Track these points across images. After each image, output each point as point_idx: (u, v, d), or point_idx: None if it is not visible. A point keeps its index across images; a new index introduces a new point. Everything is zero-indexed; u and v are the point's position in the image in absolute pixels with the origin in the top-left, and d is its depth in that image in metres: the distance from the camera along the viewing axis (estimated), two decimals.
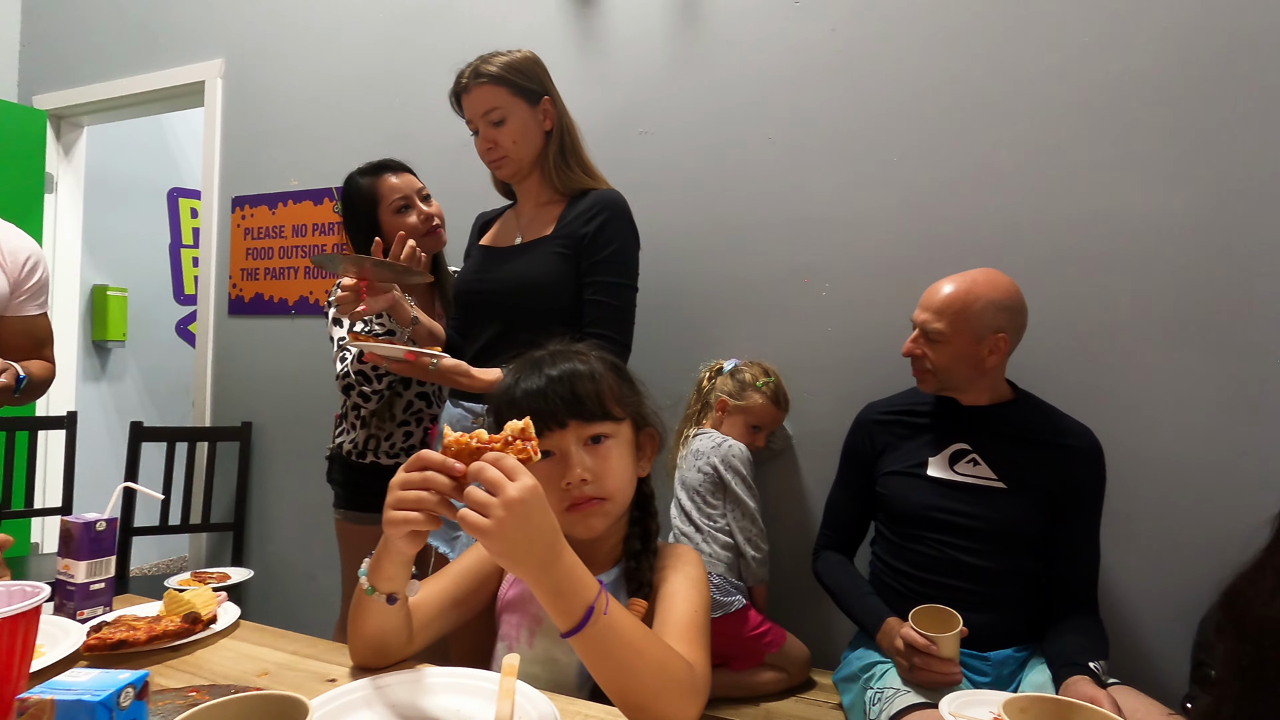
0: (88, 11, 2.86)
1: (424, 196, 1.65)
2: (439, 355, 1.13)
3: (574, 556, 0.64)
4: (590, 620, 0.62)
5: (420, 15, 2.18)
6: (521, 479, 0.59)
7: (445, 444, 0.64)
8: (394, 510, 0.63)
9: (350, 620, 0.74)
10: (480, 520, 0.58)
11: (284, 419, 2.39)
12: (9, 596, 0.62)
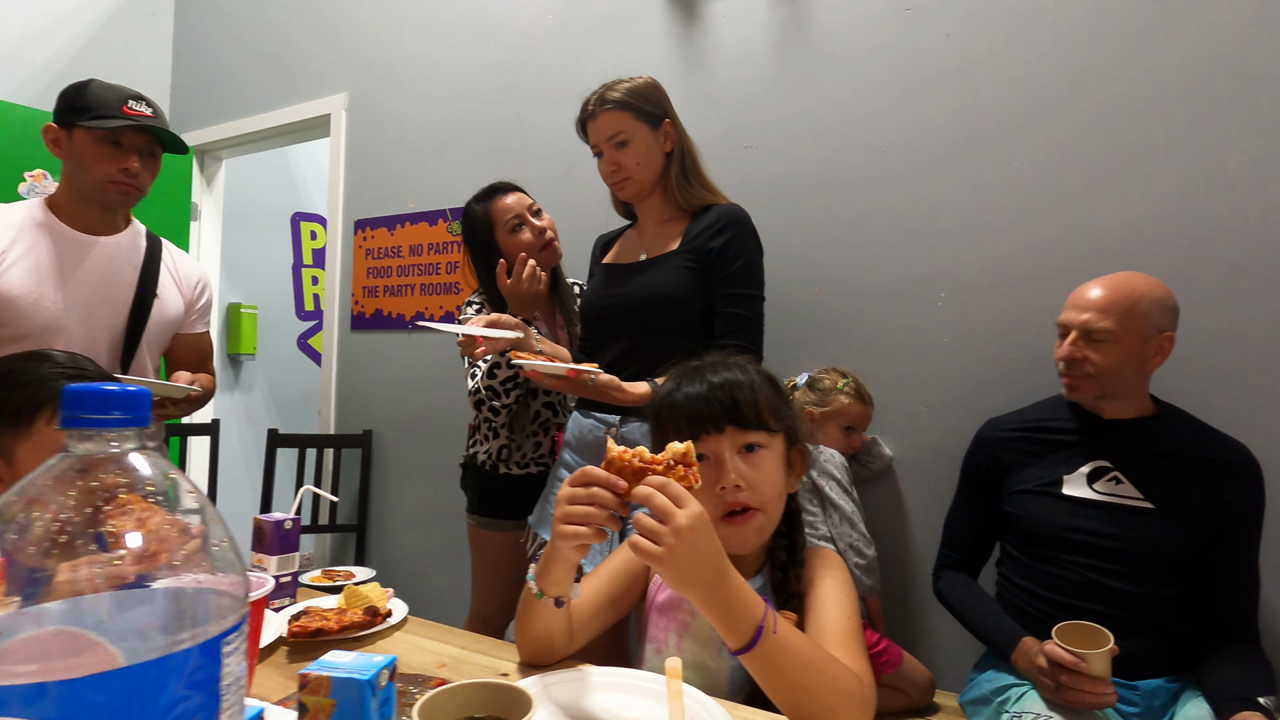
0: (227, 55, 3.16)
1: (535, 212, 1.71)
2: (596, 371, 1.18)
3: (739, 577, 0.66)
4: (760, 639, 0.64)
5: (530, 42, 2.29)
6: (689, 506, 0.63)
7: (609, 459, 0.67)
8: (564, 524, 0.67)
9: (518, 621, 0.79)
10: (651, 547, 0.62)
11: (402, 427, 2.53)
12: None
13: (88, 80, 1.46)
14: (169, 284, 1.61)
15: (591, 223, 2.11)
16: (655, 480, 0.64)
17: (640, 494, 0.64)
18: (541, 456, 1.70)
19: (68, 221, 1.48)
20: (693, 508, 0.63)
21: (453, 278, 2.44)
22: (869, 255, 1.74)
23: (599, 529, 0.66)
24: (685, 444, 0.68)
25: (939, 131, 1.67)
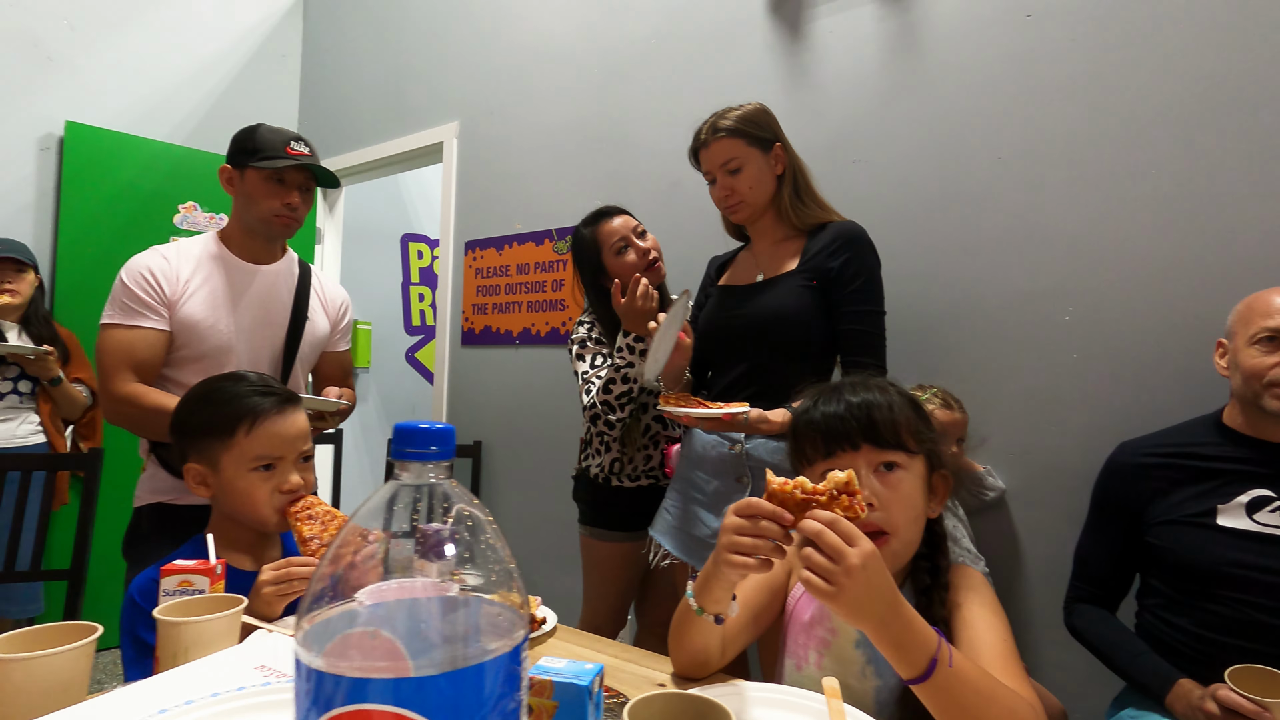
0: (348, 91, 3.41)
1: (640, 233, 1.77)
2: (746, 410, 1.21)
3: (911, 610, 0.68)
4: (935, 670, 0.65)
5: (633, 66, 2.36)
6: (860, 544, 0.64)
7: (770, 490, 0.70)
8: (731, 553, 0.70)
9: (675, 634, 0.82)
10: (824, 585, 0.64)
11: (510, 439, 2.65)
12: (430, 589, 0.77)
13: (256, 125, 1.63)
14: (317, 306, 1.76)
15: (695, 240, 2.16)
16: (824, 516, 0.66)
17: (810, 530, 0.66)
18: (652, 469, 1.75)
19: (236, 252, 1.64)
20: (864, 545, 0.64)
21: (558, 295, 2.54)
22: (987, 268, 1.69)
23: (764, 560, 0.69)
24: (847, 473, 0.69)
25: (1065, 139, 1.61)
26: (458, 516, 0.36)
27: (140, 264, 1.52)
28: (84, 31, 2.91)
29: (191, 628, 0.69)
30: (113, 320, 1.49)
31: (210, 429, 1.05)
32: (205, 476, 1.06)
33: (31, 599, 2.44)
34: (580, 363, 1.75)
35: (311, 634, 0.33)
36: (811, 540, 0.65)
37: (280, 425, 1.06)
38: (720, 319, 1.49)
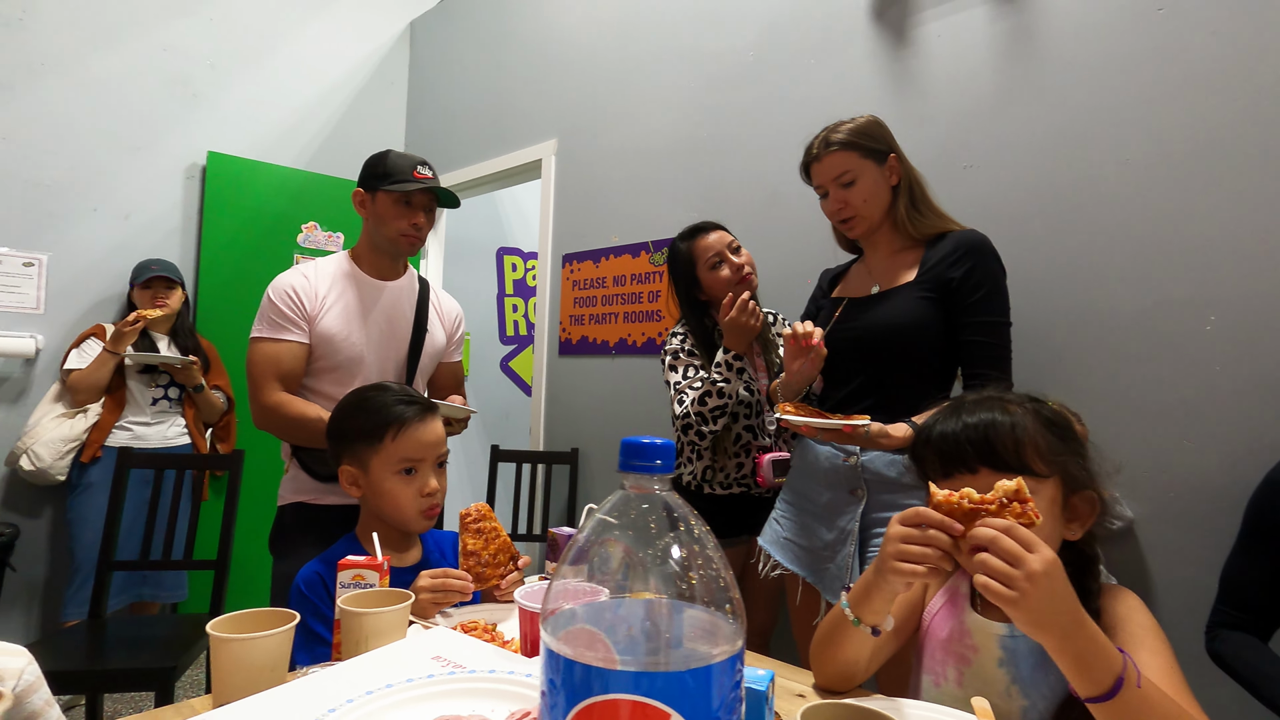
0: (450, 114, 3.59)
1: (734, 249, 1.81)
2: (867, 422, 1.21)
3: (1094, 624, 0.66)
4: (1121, 690, 0.63)
5: (730, 79, 2.38)
6: (1041, 551, 0.63)
7: (936, 503, 0.70)
8: (898, 561, 0.70)
9: (823, 645, 0.83)
10: (1004, 590, 0.63)
11: (606, 446, 2.71)
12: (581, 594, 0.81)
13: (386, 151, 1.75)
14: (435, 319, 1.87)
15: (794, 252, 2.15)
16: (998, 523, 0.65)
17: (984, 536, 0.65)
18: (744, 477, 1.76)
19: (366, 270, 1.77)
20: (1045, 552, 0.63)
21: (654, 306, 2.58)
22: (1114, 276, 1.61)
23: (932, 569, 0.69)
24: (1016, 480, 0.68)
25: (1204, 138, 1.51)
26: (682, 528, 0.39)
27: (284, 282, 1.66)
28: (223, 70, 3.21)
29: (372, 618, 0.75)
30: (261, 334, 1.63)
31: (361, 434, 1.15)
32: (357, 478, 1.16)
33: (177, 586, 2.69)
34: (673, 373, 1.79)
35: (561, 628, 0.36)
36: (985, 546, 0.64)
37: (421, 432, 1.15)
38: (835, 332, 1.49)
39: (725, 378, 1.66)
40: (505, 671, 0.64)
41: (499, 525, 1.10)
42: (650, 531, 0.38)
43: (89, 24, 2.86)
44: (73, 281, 2.81)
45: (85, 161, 2.85)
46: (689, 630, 0.36)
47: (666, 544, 0.38)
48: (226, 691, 0.67)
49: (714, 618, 0.37)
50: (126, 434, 2.59)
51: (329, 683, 0.64)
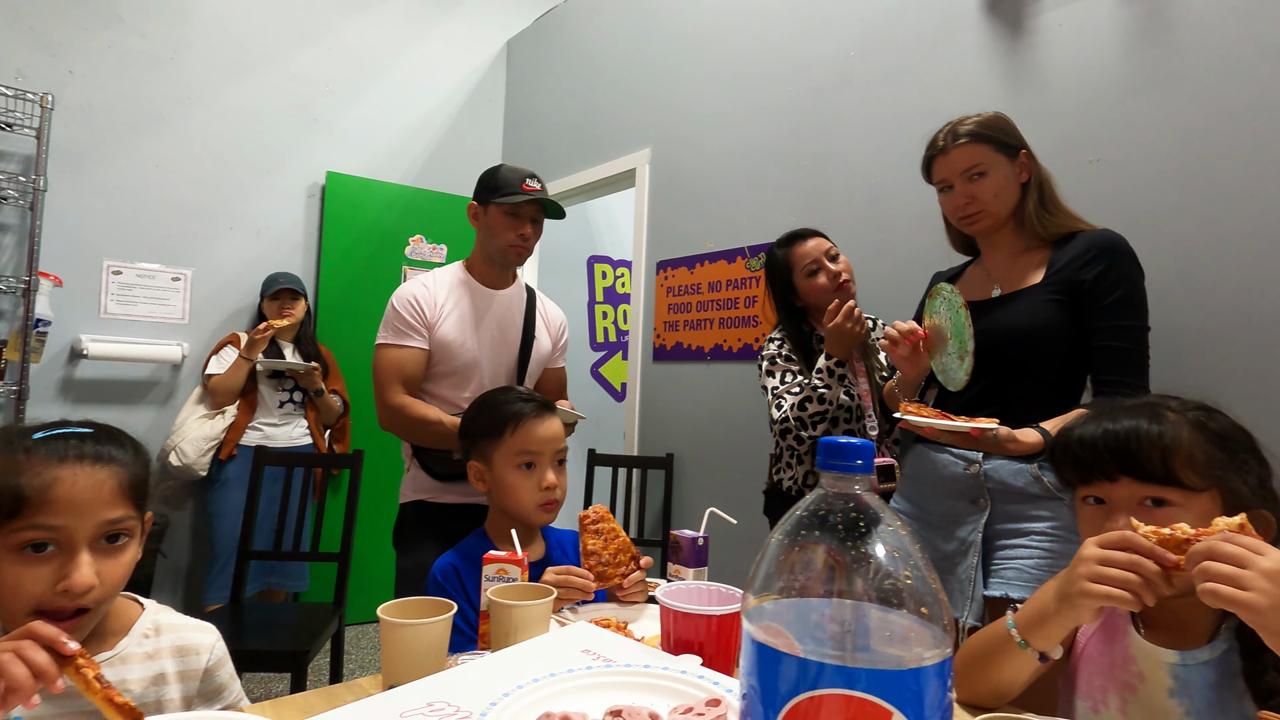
0: (545, 128, 3.71)
1: (832, 256, 1.79)
2: (995, 425, 1.18)
3: None
4: None
5: (830, 81, 2.35)
6: (1272, 553, 0.59)
7: (1144, 534, 0.66)
8: (1094, 584, 0.67)
9: (980, 662, 0.79)
10: (1239, 594, 0.59)
11: (701, 451, 2.71)
12: (716, 596, 0.82)
13: (499, 166, 1.83)
14: (542, 327, 1.94)
15: (899, 255, 2.09)
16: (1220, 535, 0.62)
17: (1202, 548, 0.61)
18: None
19: (479, 279, 1.85)
20: (1276, 554, 0.59)
21: (750, 311, 2.57)
22: (1264, 274, 1.48)
23: (1134, 598, 0.65)
24: (1238, 518, 0.64)
25: None
26: (886, 528, 0.40)
27: (407, 292, 1.76)
28: (340, 96, 3.44)
29: (521, 610, 0.79)
30: (386, 341, 1.73)
31: (485, 431, 1.22)
32: (483, 473, 1.22)
33: (300, 576, 2.89)
34: (770, 378, 1.79)
35: (766, 621, 0.37)
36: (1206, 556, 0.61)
37: (539, 428, 1.20)
38: None
39: (826, 384, 1.65)
40: (660, 667, 0.65)
41: (617, 526, 1.13)
42: (854, 531, 0.39)
43: (227, 59, 3.14)
44: (212, 294, 3.09)
45: (223, 184, 3.12)
46: (903, 630, 0.37)
47: (871, 544, 0.39)
48: (396, 672, 0.72)
49: (926, 618, 0.37)
50: (258, 434, 2.81)
51: (495, 669, 0.68)
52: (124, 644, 0.79)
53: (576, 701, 0.59)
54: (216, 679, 0.87)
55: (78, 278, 2.78)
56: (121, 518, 0.73)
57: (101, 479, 0.72)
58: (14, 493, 0.67)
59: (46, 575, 0.68)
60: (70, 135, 2.75)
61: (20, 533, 0.67)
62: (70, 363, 2.79)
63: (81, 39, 2.80)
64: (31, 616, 0.67)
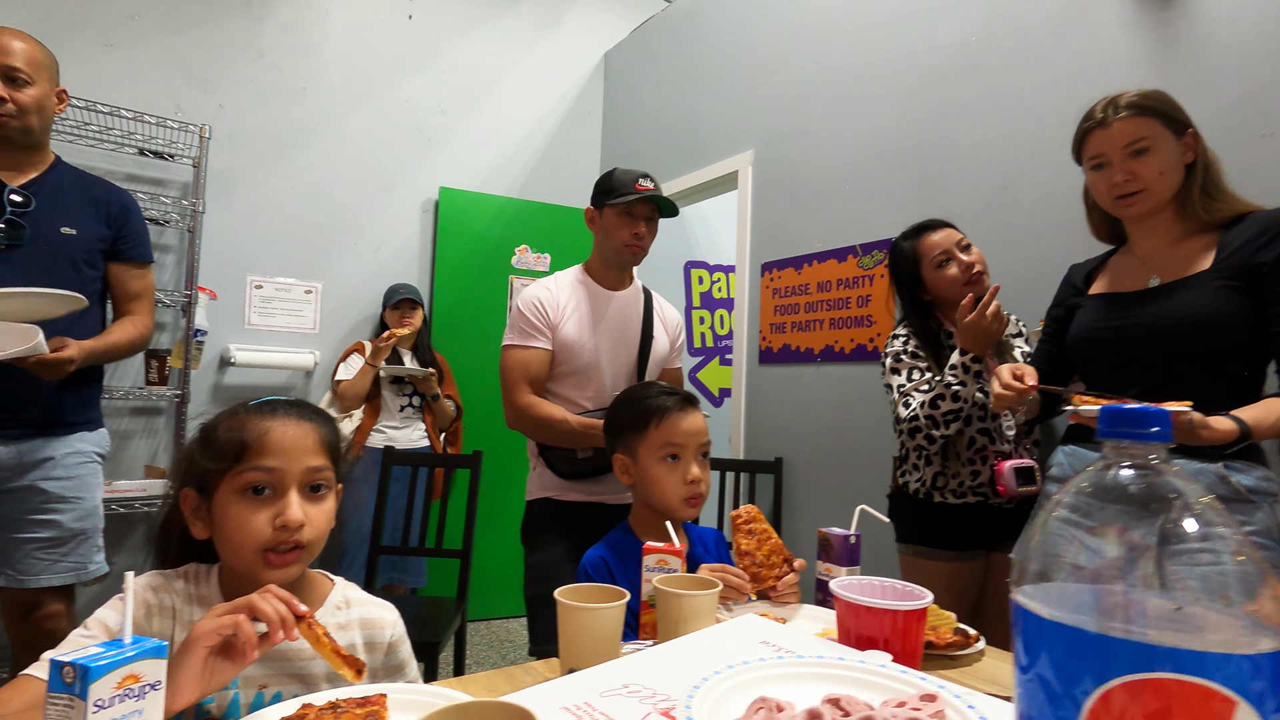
0: (643, 134, 3.75)
1: (964, 247, 1.71)
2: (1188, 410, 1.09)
3: None
4: None
5: (950, 70, 2.25)
6: None
7: None
8: None
9: None
10: None
11: (811, 455, 2.65)
12: (893, 592, 0.79)
13: (613, 169, 1.86)
14: (659, 327, 1.95)
15: (1027, 247, 1.98)
16: None
17: None
18: (980, 486, 1.63)
19: (597, 281, 1.88)
20: None
21: (864, 311, 2.49)
22: None
23: None
24: None
25: None
26: (1191, 503, 0.36)
27: (531, 294, 1.81)
28: (451, 115, 3.62)
29: (690, 600, 0.79)
30: (512, 342, 1.79)
31: (630, 424, 1.23)
32: (628, 466, 1.24)
33: (419, 572, 3.02)
34: (895, 376, 1.72)
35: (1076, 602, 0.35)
36: None
37: (682, 420, 1.20)
38: (1108, 330, 1.34)
39: (961, 380, 1.57)
40: (855, 660, 0.63)
41: (770, 527, 1.11)
42: (1159, 505, 0.36)
43: (350, 88, 3.37)
44: (339, 305, 3.30)
45: (348, 203, 3.34)
46: (1229, 613, 0.33)
47: (1181, 519, 0.35)
48: (577, 655, 0.73)
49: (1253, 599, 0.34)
50: (381, 436, 2.97)
51: (679, 655, 0.68)
52: (319, 614, 0.85)
53: (782, 690, 0.57)
54: (398, 655, 0.92)
55: (226, 292, 3.04)
56: (321, 467, 0.83)
57: (306, 430, 0.83)
58: (238, 441, 0.80)
59: (265, 516, 0.79)
60: (220, 162, 3.02)
61: (244, 474, 0.79)
62: (220, 370, 3.06)
63: (229, 75, 3.08)
64: (258, 556, 0.78)
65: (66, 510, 1.65)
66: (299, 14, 3.24)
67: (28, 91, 1.61)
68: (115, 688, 0.49)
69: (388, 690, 0.67)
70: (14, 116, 1.59)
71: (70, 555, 1.65)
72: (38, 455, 1.62)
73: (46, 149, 1.73)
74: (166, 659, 0.54)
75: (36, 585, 1.61)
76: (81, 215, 1.70)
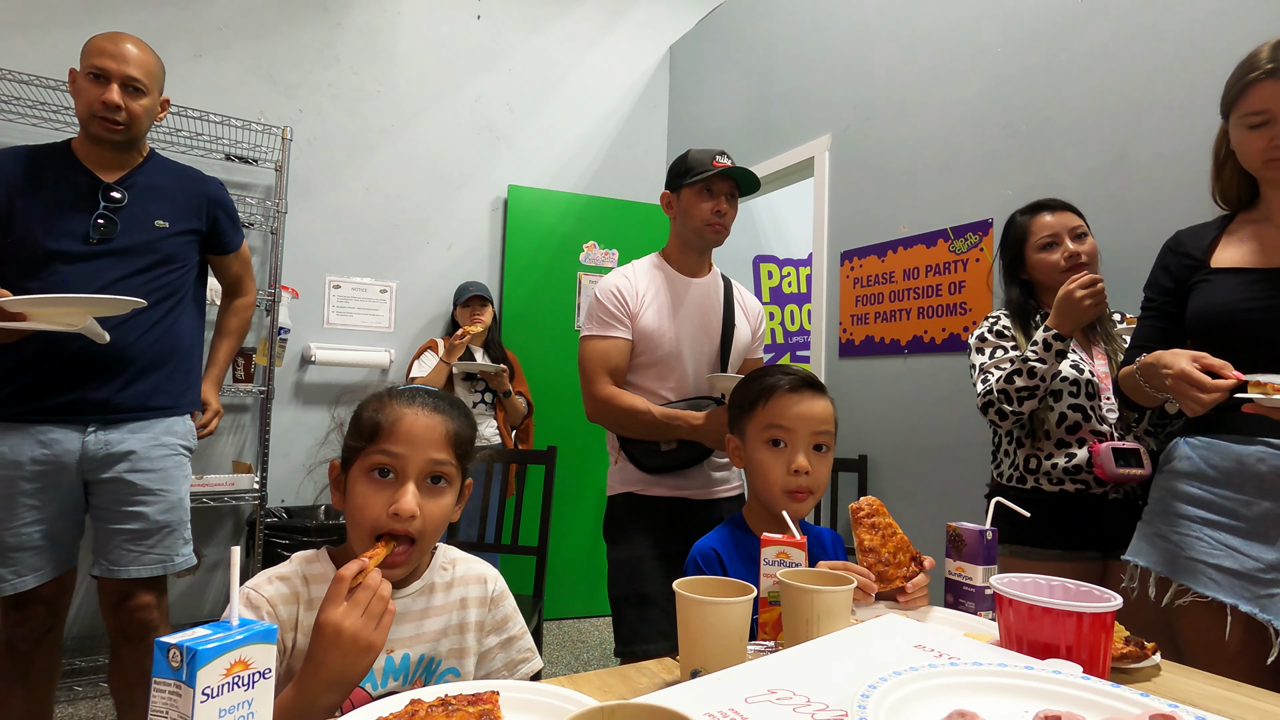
0: (711, 125, 3.67)
1: (1077, 234, 1.58)
2: None
3: None
4: None
5: (1055, 33, 2.08)
6: None
7: None
8: None
9: None
10: None
11: (900, 451, 2.50)
12: (1061, 591, 0.68)
13: (687, 151, 1.79)
14: (740, 315, 1.86)
15: (1147, 221, 1.80)
16: None
17: None
18: (1077, 468, 1.48)
19: (676, 268, 1.81)
20: None
21: (957, 298, 2.33)
22: None
23: None
24: None
25: None
26: None
27: (609, 283, 1.75)
28: (520, 113, 3.62)
29: (823, 597, 0.70)
30: (591, 333, 1.73)
31: (741, 403, 1.16)
32: (739, 448, 1.16)
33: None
34: (978, 355, 1.63)
35: None
36: None
37: (792, 402, 1.11)
38: (1255, 309, 1.18)
39: (1040, 357, 1.45)
40: (1048, 670, 0.53)
41: (893, 521, 1.01)
42: None
43: (423, 90, 3.41)
44: (413, 303, 3.34)
45: (421, 203, 3.38)
46: None
47: None
48: (701, 654, 0.66)
49: None
50: None
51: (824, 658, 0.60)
52: (428, 575, 0.91)
53: (976, 703, 0.48)
54: (502, 608, 0.95)
55: (306, 292, 3.12)
56: (443, 460, 0.84)
57: (435, 423, 0.85)
58: (375, 422, 0.83)
59: (384, 500, 0.81)
60: (300, 165, 3.09)
61: (373, 455, 0.82)
62: (301, 368, 3.13)
63: (308, 80, 3.16)
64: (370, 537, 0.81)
65: (152, 503, 1.67)
66: (373, 19, 3.30)
67: (141, 101, 1.66)
68: (223, 674, 0.44)
69: (500, 688, 0.61)
70: (125, 126, 1.65)
71: (157, 547, 1.68)
72: (123, 448, 1.65)
73: (143, 145, 1.78)
74: (276, 645, 0.49)
75: (126, 576, 1.64)
76: (173, 208, 1.75)
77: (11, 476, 1.56)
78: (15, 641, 1.63)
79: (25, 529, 1.58)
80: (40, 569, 1.60)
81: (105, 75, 1.62)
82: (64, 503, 1.62)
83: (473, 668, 0.91)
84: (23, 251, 1.59)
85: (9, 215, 1.60)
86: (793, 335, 4.32)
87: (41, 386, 1.58)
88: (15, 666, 1.64)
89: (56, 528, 1.62)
